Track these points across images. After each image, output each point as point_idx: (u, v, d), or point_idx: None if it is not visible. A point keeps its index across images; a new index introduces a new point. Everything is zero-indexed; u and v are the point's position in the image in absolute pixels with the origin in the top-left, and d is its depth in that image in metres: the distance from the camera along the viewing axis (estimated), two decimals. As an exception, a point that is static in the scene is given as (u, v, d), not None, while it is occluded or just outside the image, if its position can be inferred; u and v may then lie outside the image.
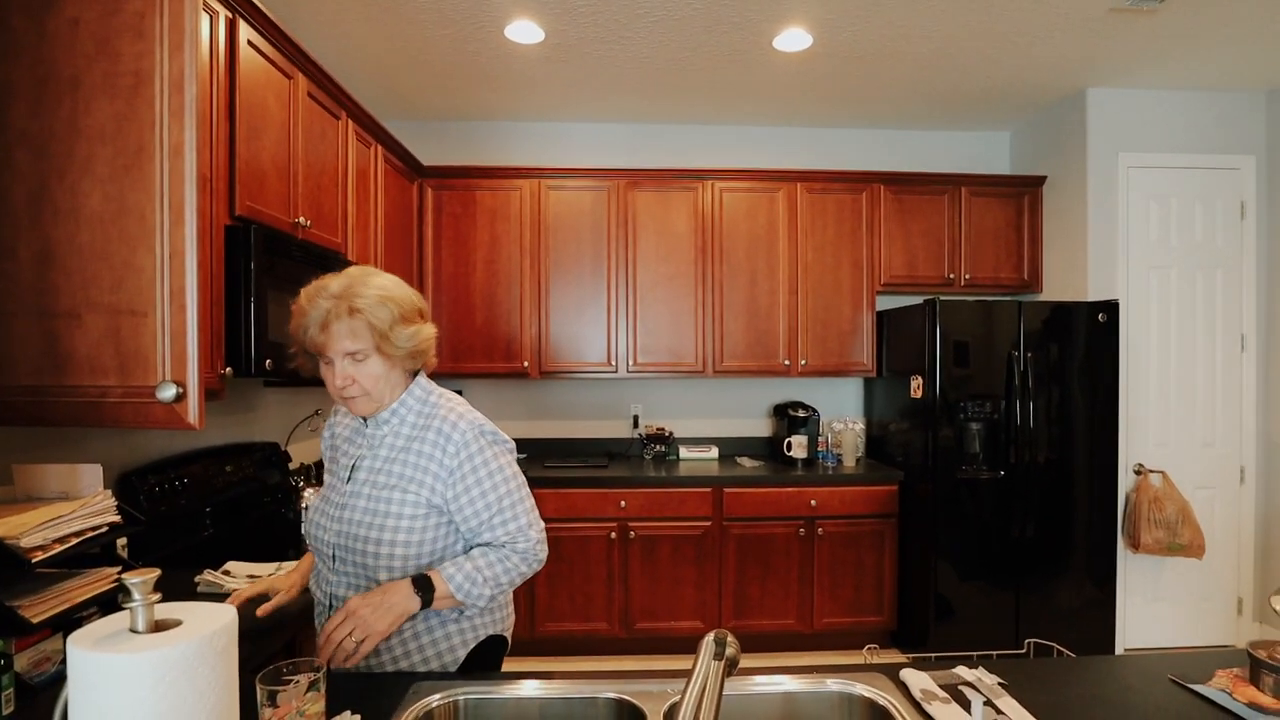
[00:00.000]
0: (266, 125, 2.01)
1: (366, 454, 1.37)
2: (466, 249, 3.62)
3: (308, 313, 1.27)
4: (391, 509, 1.31)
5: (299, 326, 1.29)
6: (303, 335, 1.29)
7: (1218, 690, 1.19)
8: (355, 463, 1.38)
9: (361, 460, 1.37)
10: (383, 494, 1.32)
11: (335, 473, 1.42)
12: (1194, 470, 3.48)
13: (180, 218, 1.05)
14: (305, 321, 1.27)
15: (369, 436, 1.38)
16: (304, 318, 1.27)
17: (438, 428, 1.35)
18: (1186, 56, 3.10)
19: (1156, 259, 3.48)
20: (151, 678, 0.70)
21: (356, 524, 1.31)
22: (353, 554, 1.31)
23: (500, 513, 1.35)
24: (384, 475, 1.34)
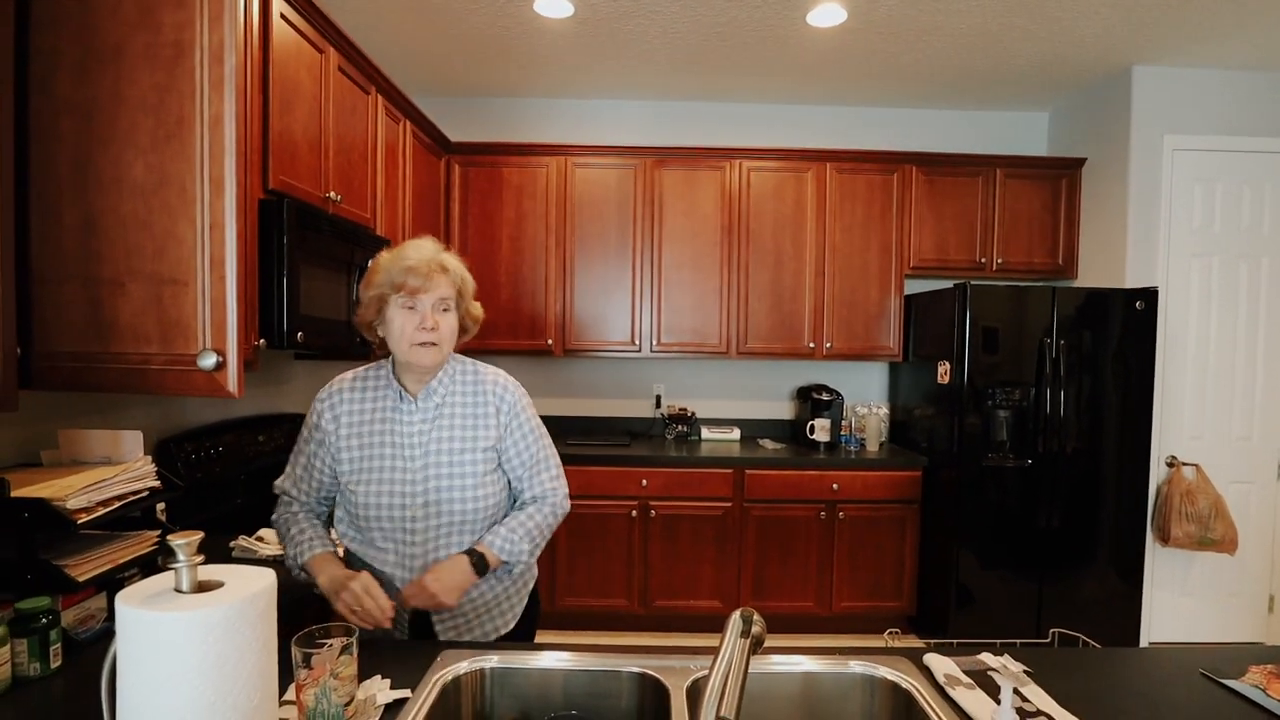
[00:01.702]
0: (299, 99, 2.02)
1: (428, 425, 1.42)
2: (492, 226, 3.62)
3: (409, 256, 1.34)
4: (470, 469, 1.42)
5: (390, 269, 1.34)
6: (398, 276, 1.33)
7: (1250, 686, 1.17)
8: (415, 436, 1.41)
9: (426, 432, 1.42)
10: (461, 458, 1.41)
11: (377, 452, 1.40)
12: (1229, 464, 3.40)
13: (220, 189, 1.07)
14: (403, 264, 1.33)
15: (422, 409, 1.43)
16: (402, 261, 1.33)
17: (489, 389, 1.49)
18: (1238, 34, 2.98)
19: (1199, 246, 3.38)
20: (197, 636, 0.73)
21: (444, 490, 1.39)
22: (435, 519, 1.39)
23: (544, 466, 1.51)
24: (457, 441, 1.42)
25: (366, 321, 1.40)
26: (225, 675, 0.75)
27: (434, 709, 1.11)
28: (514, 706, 1.23)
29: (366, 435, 1.41)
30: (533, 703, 1.23)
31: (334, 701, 0.98)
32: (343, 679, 1.00)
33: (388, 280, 1.34)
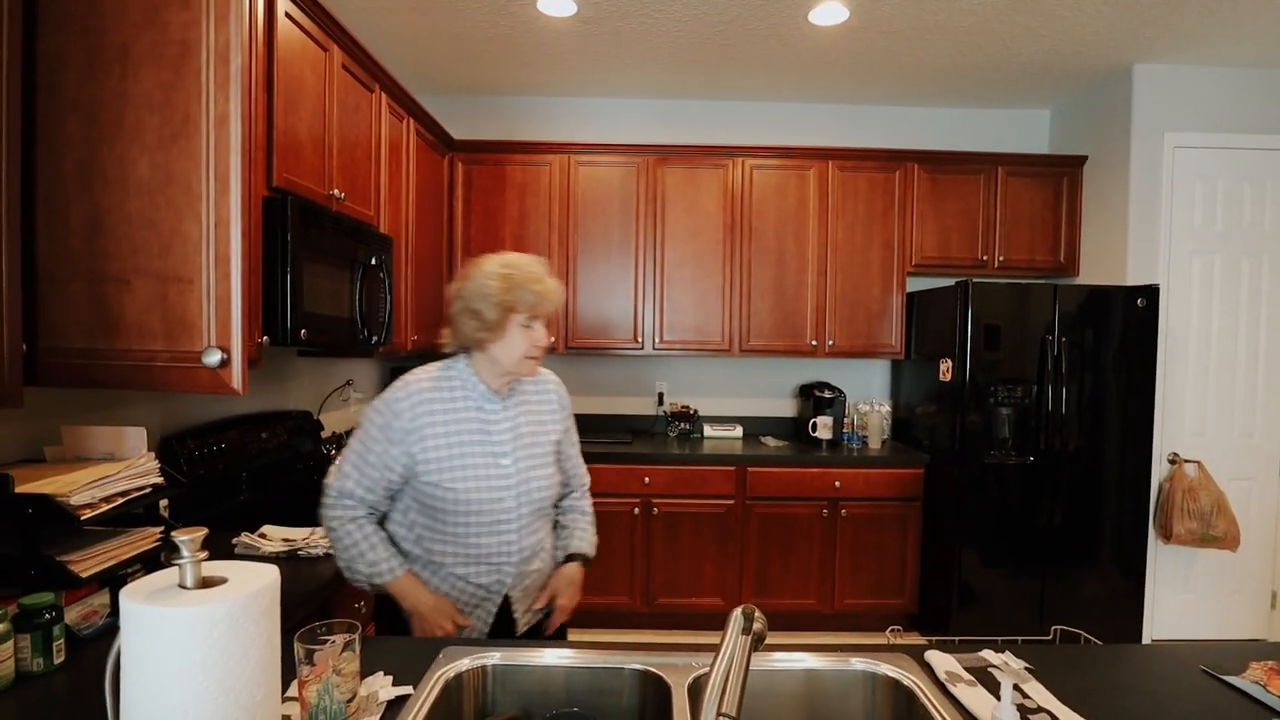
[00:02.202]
0: (303, 97, 2.03)
1: (511, 422, 1.53)
2: (496, 223, 3.63)
3: (542, 283, 1.45)
4: (546, 460, 1.56)
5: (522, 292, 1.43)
6: (529, 298, 1.43)
7: (1251, 683, 1.17)
8: (506, 432, 1.51)
9: (512, 428, 1.52)
10: (540, 450, 1.55)
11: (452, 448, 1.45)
12: (1231, 461, 3.40)
13: (225, 187, 1.07)
14: (536, 290, 1.44)
15: (505, 406, 1.53)
16: (534, 285, 1.44)
17: (550, 387, 1.64)
18: (1240, 31, 2.97)
19: (1200, 243, 3.37)
20: (200, 632, 0.73)
21: (539, 478, 1.53)
22: (526, 508, 1.51)
23: (580, 455, 1.75)
24: (540, 434, 1.57)
25: (483, 311, 1.43)
26: (229, 671, 0.75)
27: (436, 706, 1.11)
28: (516, 703, 1.23)
29: (456, 432, 1.46)
30: (534, 699, 1.23)
31: (336, 698, 0.98)
32: (345, 675, 1.00)
33: (520, 300, 1.43)
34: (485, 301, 1.42)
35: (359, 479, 1.45)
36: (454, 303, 1.47)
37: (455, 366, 1.52)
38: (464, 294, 1.45)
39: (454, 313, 1.47)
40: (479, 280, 1.44)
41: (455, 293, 1.47)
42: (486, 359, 1.49)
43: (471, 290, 1.44)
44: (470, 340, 1.47)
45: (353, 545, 1.44)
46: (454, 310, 1.47)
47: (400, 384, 1.48)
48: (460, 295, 1.46)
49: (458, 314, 1.46)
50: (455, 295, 1.47)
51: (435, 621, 1.43)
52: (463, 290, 1.46)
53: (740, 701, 0.82)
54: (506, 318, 1.43)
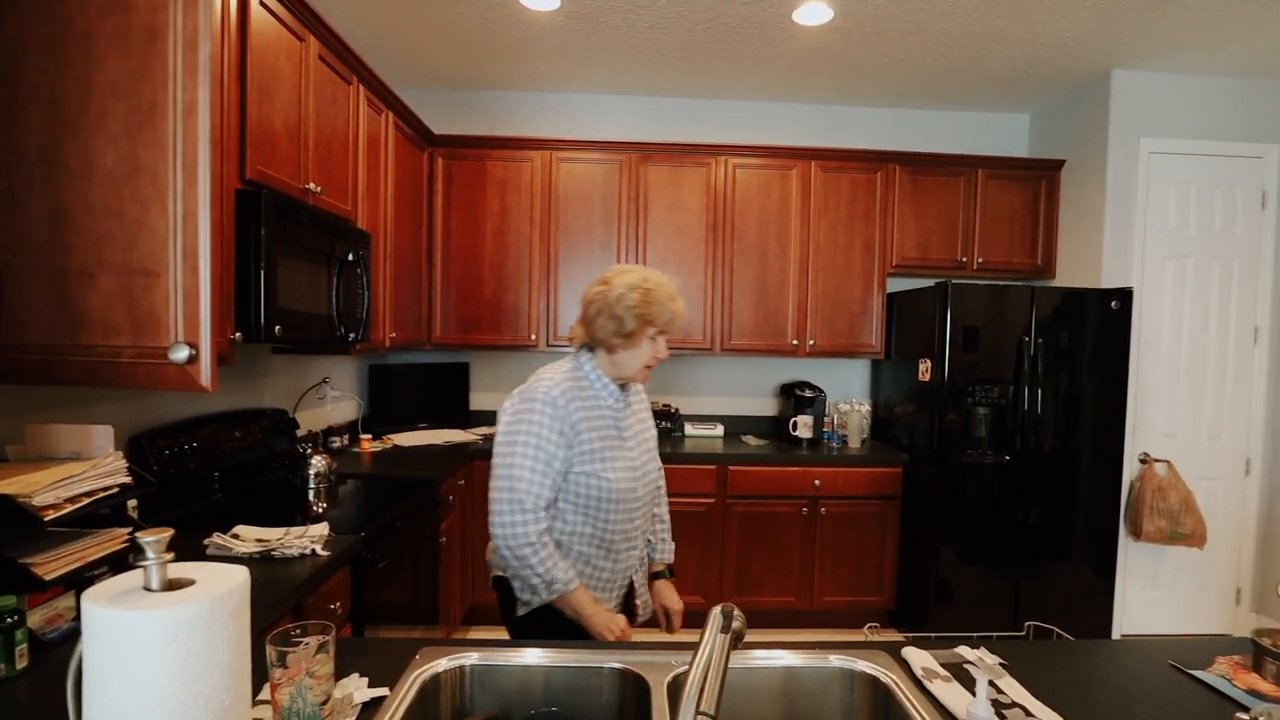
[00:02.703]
0: (278, 88, 1.99)
1: (634, 417, 1.67)
2: (476, 220, 3.59)
3: (677, 306, 1.57)
4: (656, 455, 1.71)
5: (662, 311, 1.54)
6: (665, 316, 1.55)
7: (1217, 676, 1.19)
8: (633, 428, 1.64)
9: (635, 425, 1.65)
10: (652, 446, 1.69)
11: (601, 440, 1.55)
12: (1199, 461, 3.47)
13: (194, 177, 1.04)
14: (673, 310, 1.56)
15: (631, 405, 1.66)
16: (672, 305, 1.55)
17: (639, 391, 1.75)
18: (1214, 41, 3.03)
19: (1173, 247, 3.44)
20: (165, 635, 0.71)
21: (653, 471, 1.67)
22: (649, 497, 1.65)
23: None
24: (646, 432, 1.69)
25: (621, 318, 1.53)
26: (195, 675, 0.73)
27: (413, 707, 1.10)
28: (495, 704, 1.22)
29: (598, 425, 1.56)
30: (513, 699, 1.22)
31: (309, 700, 0.96)
32: (319, 678, 0.98)
33: (657, 315, 1.54)
34: (627, 311, 1.52)
35: (543, 482, 1.48)
36: (592, 304, 1.56)
37: (583, 365, 1.61)
38: (606, 300, 1.54)
39: (591, 314, 1.56)
40: (621, 290, 1.53)
41: (596, 296, 1.56)
42: (610, 361, 1.60)
43: (614, 298, 1.53)
44: (603, 342, 1.57)
45: (549, 557, 1.47)
46: (591, 312, 1.56)
47: (545, 381, 1.54)
48: (602, 300, 1.55)
49: (595, 316, 1.55)
50: (595, 298, 1.56)
51: (605, 626, 1.51)
52: (605, 295, 1.54)
53: (719, 700, 0.81)
54: (642, 329, 1.54)
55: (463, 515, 3.16)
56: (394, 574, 2.18)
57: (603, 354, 1.60)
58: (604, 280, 1.58)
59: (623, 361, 1.58)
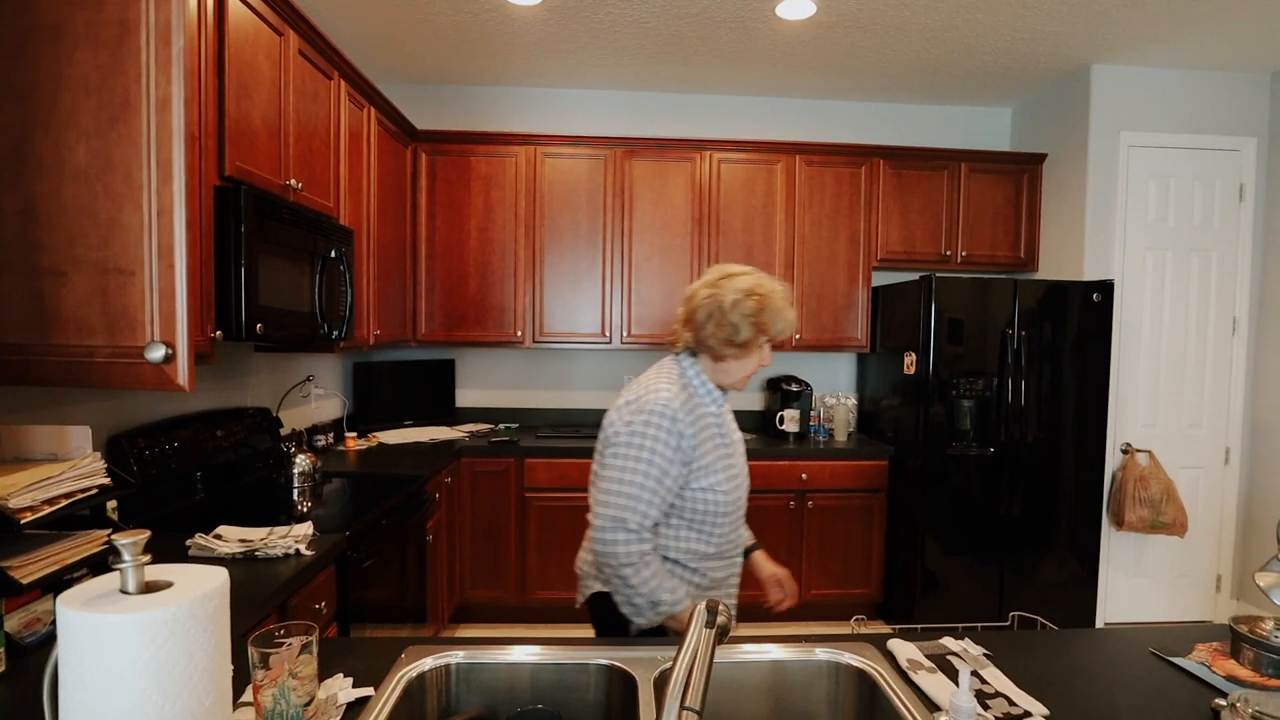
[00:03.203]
0: (257, 84, 1.96)
1: (731, 422, 1.63)
2: (461, 216, 3.57)
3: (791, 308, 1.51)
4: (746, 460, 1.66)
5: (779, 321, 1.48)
6: (781, 327, 1.49)
7: (1197, 663, 1.21)
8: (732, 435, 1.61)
9: (734, 433, 1.62)
10: (743, 451, 1.65)
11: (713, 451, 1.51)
12: (1180, 450, 3.52)
13: (168, 174, 1.03)
14: (788, 323, 1.50)
15: (726, 416, 1.62)
16: (788, 314, 1.49)
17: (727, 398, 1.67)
18: (1193, 35, 3.06)
19: (1153, 240, 3.47)
20: (142, 639, 0.70)
21: (747, 476, 1.64)
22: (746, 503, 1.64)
23: None
24: (738, 437, 1.64)
25: (734, 326, 1.46)
26: (174, 678, 0.72)
27: (398, 707, 1.09)
28: (481, 702, 1.22)
29: (710, 436, 1.51)
30: (500, 698, 1.22)
31: (293, 702, 0.95)
32: (302, 678, 0.97)
33: (772, 324, 1.48)
34: (742, 319, 1.45)
35: (652, 500, 1.41)
36: (700, 309, 1.48)
37: (688, 372, 1.55)
38: (719, 305, 1.46)
39: (700, 319, 1.48)
40: (735, 296, 1.45)
41: (706, 300, 1.48)
42: (715, 368, 1.54)
43: (728, 304, 1.45)
44: (711, 349, 1.50)
45: (652, 578, 1.40)
46: (700, 317, 1.48)
47: (661, 392, 1.46)
48: (714, 304, 1.47)
49: (705, 322, 1.47)
50: (705, 302, 1.48)
51: None
52: (717, 300, 1.46)
53: (704, 695, 0.81)
54: (757, 338, 1.48)
55: (449, 513, 3.15)
56: (380, 573, 2.17)
57: (707, 360, 1.53)
58: (713, 283, 1.49)
59: (729, 369, 1.52)
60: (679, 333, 1.55)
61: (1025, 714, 1.03)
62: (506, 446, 3.31)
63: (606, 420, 1.53)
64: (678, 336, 1.55)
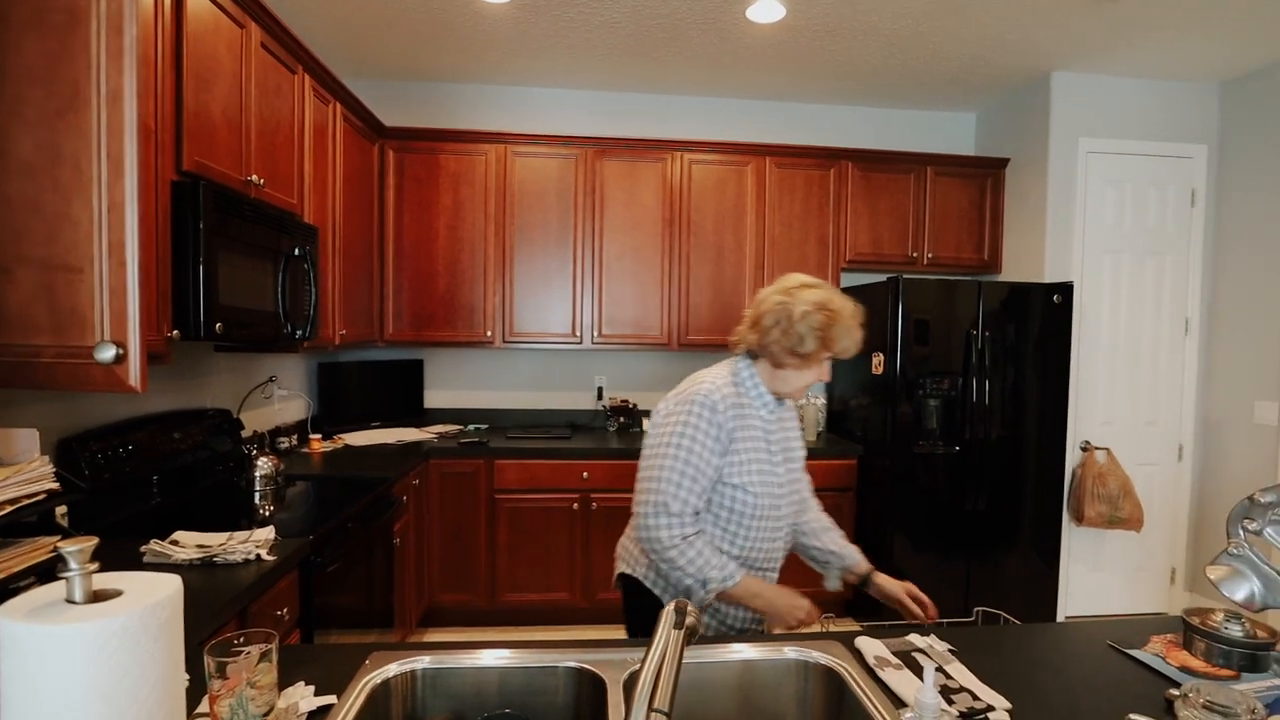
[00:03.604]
0: (217, 77, 1.91)
1: (784, 432, 1.62)
2: (430, 214, 3.52)
3: (859, 328, 1.49)
4: (803, 474, 1.68)
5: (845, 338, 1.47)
6: (845, 344, 1.48)
7: (1152, 655, 1.24)
8: (780, 441, 1.59)
9: (785, 438, 1.61)
10: (799, 464, 1.66)
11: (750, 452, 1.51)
12: (1136, 447, 3.62)
13: (120, 168, 0.99)
14: (854, 341, 1.48)
15: (779, 416, 1.61)
16: (855, 334, 1.48)
17: (790, 406, 1.67)
18: (1147, 45, 3.15)
19: (1111, 243, 3.57)
20: (89, 650, 0.67)
21: (799, 489, 1.64)
22: (791, 517, 1.63)
23: None
24: (794, 449, 1.65)
25: (799, 336, 1.46)
26: (124, 691, 0.70)
27: (361, 715, 1.07)
28: (448, 708, 1.20)
29: (750, 437, 1.52)
30: (468, 702, 1.20)
31: (251, 711, 0.93)
32: (261, 688, 0.95)
33: (838, 341, 1.47)
34: (809, 330, 1.45)
35: (692, 488, 1.44)
36: (769, 314, 1.49)
37: (742, 373, 1.56)
38: (788, 313, 1.46)
39: (767, 324, 1.48)
40: (805, 307, 1.45)
41: (776, 306, 1.48)
42: (773, 374, 1.54)
43: (797, 314, 1.45)
44: (772, 355, 1.50)
45: (698, 557, 1.42)
46: (767, 322, 1.48)
47: (705, 385, 1.49)
48: (783, 312, 1.47)
49: (770, 327, 1.48)
50: (775, 309, 1.48)
51: (791, 611, 1.48)
52: (787, 309, 1.47)
53: (673, 696, 0.81)
54: (820, 352, 1.48)
55: (418, 515, 3.11)
56: (345, 577, 2.13)
57: (766, 365, 1.54)
58: (786, 291, 1.50)
59: (787, 378, 1.53)
60: (743, 334, 1.57)
61: (988, 708, 1.05)
62: (476, 448, 3.28)
63: (652, 413, 1.58)
64: (741, 338, 1.57)
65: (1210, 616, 1.23)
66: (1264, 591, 1.13)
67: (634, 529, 1.56)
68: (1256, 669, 1.15)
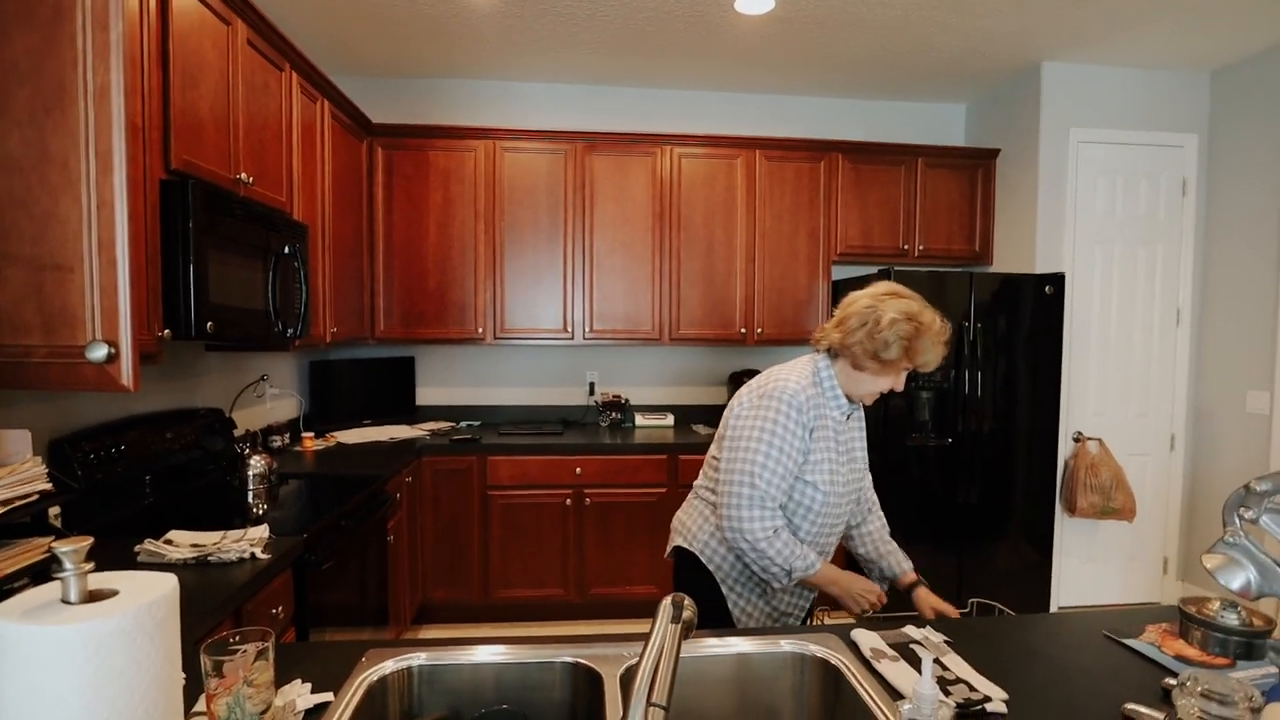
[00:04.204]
0: (203, 74, 1.89)
1: (858, 435, 1.67)
2: (419, 211, 3.51)
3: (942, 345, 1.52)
4: (864, 477, 1.73)
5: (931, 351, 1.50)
6: (927, 357, 1.50)
7: (1147, 644, 1.25)
8: (849, 443, 1.63)
9: (850, 441, 1.64)
10: (862, 468, 1.69)
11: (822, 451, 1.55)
12: (1128, 438, 3.64)
13: (108, 165, 0.98)
14: (937, 354, 1.51)
15: (850, 419, 1.64)
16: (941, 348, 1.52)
17: (860, 410, 1.68)
18: (1138, 34, 3.16)
19: (1102, 233, 3.59)
20: (85, 650, 0.67)
21: (857, 492, 1.69)
22: (848, 515, 1.68)
23: None
24: (859, 453, 1.68)
25: (884, 342, 1.48)
26: (120, 691, 0.69)
27: (359, 711, 1.07)
28: (445, 704, 1.20)
29: (824, 436, 1.56)
30: (465, 699, 1.20)
31: (248, 710, 0.93)
32: (258, 686, 0.94)
33: (920, 354, 1.49)
34: (895, 339, 1.47)
35: (780, 483, 1.49)
36: (856, 316, 1.51)
37: (822, 373, 1.58)
38: (876, 318, 1.48)
39: (853, 325, 1.51)
40: (894, 315, 1.47)
41: (865, 309, 1.51)
42: (849, 375, 1.56)
43: (885, 320, 1.47)
44: (853, 357, 1.52)
45: (785, 547, 1.48)
46: (854, 323, 1.51)
47: (790, 382, 1.52)
48: (871, 315, 1.49)
49: (857, 328, 1.50)
50: (864, 311, 1.50)
51: (864, 594, 1.57)
52: (876, 313, 1.49)
53: (671, 690, 0.81)
54: (900, 361, 1.50)
55: (411, 512, 3.10)
56: (339, 575, 2.12)
57: (845, 366, 1.56)
58: (877, 296, 1.53)
59: (863, 381, 1.55)
60: (827, 332, 1.59)
61: (985, 699, 1.05)
62: (468, 444, 3.27)
63: (732, 402, 1.60)
64: (825, 335, 1.59)
65: (1206, 605, 1.23)
66: (1260, 580, 1.14)
67: (696, 508, 1.67)
68: (1252, 657, 1.15)
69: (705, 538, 1.63)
